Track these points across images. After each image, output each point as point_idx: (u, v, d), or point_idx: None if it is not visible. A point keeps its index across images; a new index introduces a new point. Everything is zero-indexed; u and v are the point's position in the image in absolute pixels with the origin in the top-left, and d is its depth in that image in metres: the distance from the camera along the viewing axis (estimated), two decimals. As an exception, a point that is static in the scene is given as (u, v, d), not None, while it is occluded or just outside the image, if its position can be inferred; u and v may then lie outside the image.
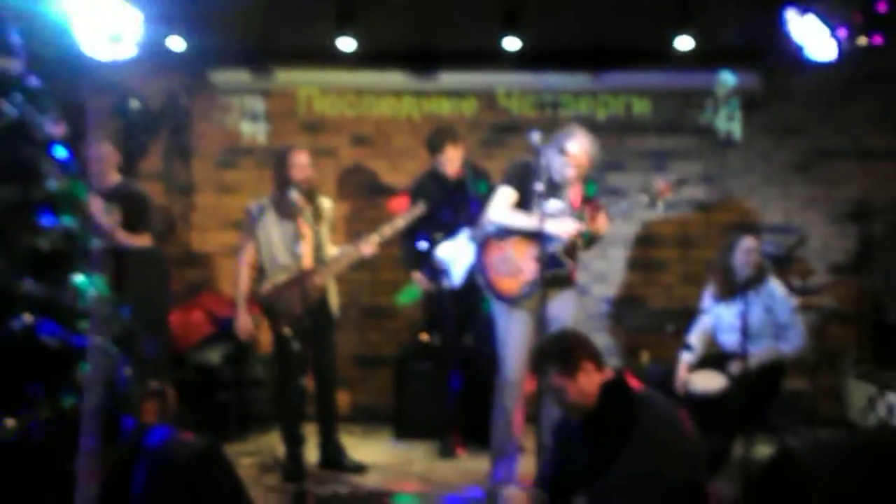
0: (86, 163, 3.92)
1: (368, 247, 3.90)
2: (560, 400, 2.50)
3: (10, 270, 2.84)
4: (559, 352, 2.52)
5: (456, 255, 4.25)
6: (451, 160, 4.33)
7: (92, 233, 3.61)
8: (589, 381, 2.48)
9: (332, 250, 4.00)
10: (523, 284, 3.53)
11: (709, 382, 3.79)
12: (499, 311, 3.66)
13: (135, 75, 4.96)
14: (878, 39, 3.52)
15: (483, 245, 3.67)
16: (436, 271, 4.33)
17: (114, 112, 4.90)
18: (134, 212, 4.05)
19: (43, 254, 2.90)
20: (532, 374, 2.60)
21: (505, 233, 3.60)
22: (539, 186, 3.28)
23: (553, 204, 3.48)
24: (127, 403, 2.90)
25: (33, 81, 3.08)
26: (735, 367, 3.72)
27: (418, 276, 4.51)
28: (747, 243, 3.94)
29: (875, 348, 4.82)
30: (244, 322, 3.94)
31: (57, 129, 3.12)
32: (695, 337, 4.07)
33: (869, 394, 4.54)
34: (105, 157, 4.07)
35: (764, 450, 3.81)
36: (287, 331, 3.71)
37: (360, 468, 4.03)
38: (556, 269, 3.53)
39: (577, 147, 3.50)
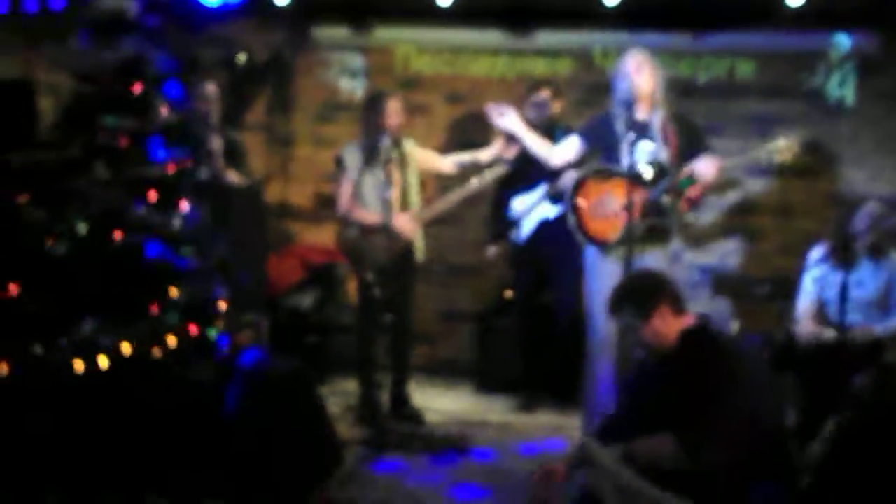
0: (199, 101, 4.16)
1: (476, 181, 3.92)
2: (635, 339, 2.50)
3: (124, 196, 3.07)
4: (635, 293, 2.51)
5: (528, 209, 4.24)
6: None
7: (202, 166, 3.86)
8: (664, 325, 2.45)
9: (417, 196, 4.02)
10: (619, 229, 3.36)
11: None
12: (589, 260, 3.56)
13: (242, 29, 5.18)
14: None
15: (580, 184, 3.53)
16: (507, 226, 4.33)
17: (223, 65, 5.13)
18: (232, 157, 4.24)
19: (153, 182, 3.12)
20: (610, 313, 2.58)
21: (607, 174, 3.47)
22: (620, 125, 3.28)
23: (644, 146, 3.37)
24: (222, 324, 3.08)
25: (151, 21, 3.29)
26: (860, 334, 3.55)
27: (490, 251, 4.54)
28: (871, 207, 3.72)
29: None
30: (401, 221, 3.84)
31: (171, 66, 3.32)
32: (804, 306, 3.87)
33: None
34: (214, 96, 4.27)
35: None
36: (370, 276, 3.76)
37: (417, 417, 4.00)
38: (656, 220, 3.37)
39: (630, 61, 3.43)
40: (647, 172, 3.32)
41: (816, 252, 3.90)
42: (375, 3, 5.01)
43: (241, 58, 5.10)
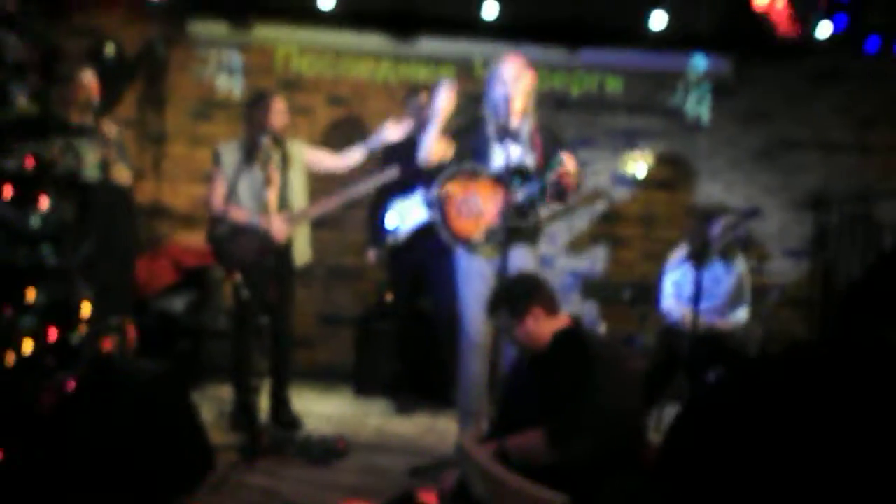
0: (78, 89, 3.93)
1: (333, 199, 3.94)
2: (510, 338, 2.60)
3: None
4: (510, 295, 2.61)
5: (406, 213, 4.29)
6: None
7: (72, 160, 3.66)
8: (537, 326, 2.57)
9: (301, 198, 3.98)
10: (483, 229, 3.43)
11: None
12: (459, 262, 3.57)
13: (112, 20, 4.94)
14: (840, 25, 3.64)
15: (447, 182, 3.51)
16: (386, 230, 4.37)
17: (89, 56, 4.87)
18: (119, 149, 4.06)
19: (9, 176, 2.91)
20: (487, 314, 2.67)
21: (474, 173, 3.49)
22: (490, 130, 3.38)
23: (513, 150, 3.39)
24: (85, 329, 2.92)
25: (8, 6, 3.08)
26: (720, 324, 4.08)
27: (370, 255, 4.57)
28: (724, 219, 4.17)
29: (823, 332, 4.99)
30: (275, 222, 3.77)
31: (30, 55, 3.12)
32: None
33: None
34: (92, 84, 4.05)
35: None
36: (236, 277, 3.61)
37: (295, 422, 3.95)
38: (521, 220, 3.43)
39: (509, 68, 3.44)
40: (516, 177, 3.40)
41: (675, 255, 4.28)
42: (256, 1, 4.91)
43: (110, 49, 4.85)
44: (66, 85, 4.09)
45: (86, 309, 2.99)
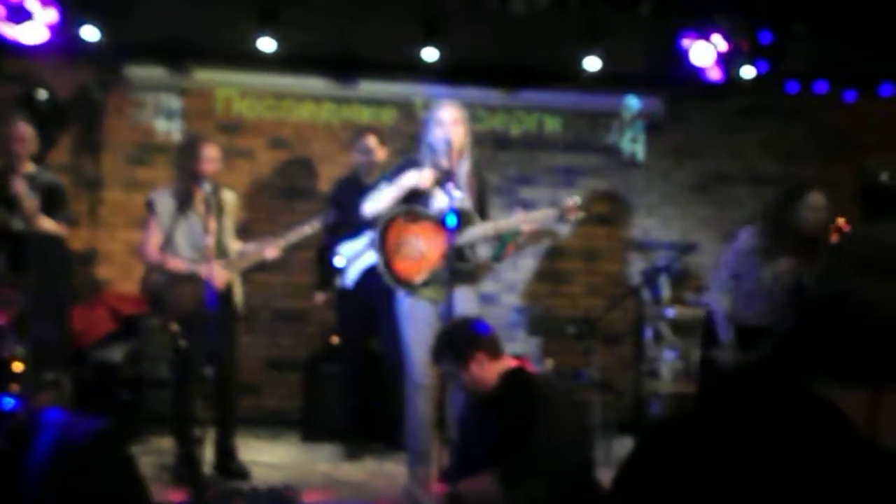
0: (13, 142, 3.82)
1: (272, 250, 3.89)
2: (457, 383, 2.62)
3: None
4: (452, 343, 2.64)
5: (353, 255, 4.28)
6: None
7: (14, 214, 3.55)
8: (481, 371, 2.60)
9: (235, 246, 3.95)
10: (425, 271, 3.41)
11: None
12: (399, 304, 3.52)
13: (45, 65, 4.84)
14: (762, 67, 3.84)
15: (389, 223, 3.49)
16: (331, 273, 4.34)
17: (20, 102, 4.75)
18: (51, 201, 3.94)
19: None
20: (432, 362, 2.68)
21: (416, 216, 3.49)
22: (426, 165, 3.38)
23: (453, 193, 3.34)
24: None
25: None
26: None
27: (318, 297, 4.55)
28: (815, 199, 3.27)
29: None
30: (214, 270, 3.56)
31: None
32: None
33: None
34: (27, 138, 3.95)
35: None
36: (174, 326, 3.57)
37: (243, 472, 3.88)
38: (460, 264, 3.41)
39: (449, 112, 3.44)
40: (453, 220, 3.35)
41: (745, 240, 3.60)
42: (194, 46, 4.89)
43: (42, 95, 4.75)
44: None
45: (17, 366, 2.88)
